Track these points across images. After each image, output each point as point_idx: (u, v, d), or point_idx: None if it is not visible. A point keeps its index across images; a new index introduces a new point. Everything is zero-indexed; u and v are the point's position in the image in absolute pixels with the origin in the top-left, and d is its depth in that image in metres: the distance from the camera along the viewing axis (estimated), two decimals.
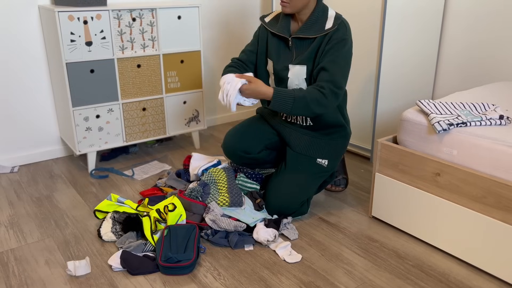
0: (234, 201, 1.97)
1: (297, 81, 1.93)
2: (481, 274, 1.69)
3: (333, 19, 1.87)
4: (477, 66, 2.62)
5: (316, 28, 1.87)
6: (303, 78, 1.92)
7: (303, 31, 1.89)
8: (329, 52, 1.84)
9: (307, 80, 1.92)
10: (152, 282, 1.64)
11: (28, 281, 1.65)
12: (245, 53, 2.09)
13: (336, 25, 1.84)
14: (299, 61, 1.91)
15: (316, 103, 1.81)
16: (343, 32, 1.84)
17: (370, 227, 2.01)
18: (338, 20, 1.86)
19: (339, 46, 1.83)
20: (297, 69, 1.92)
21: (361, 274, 1.69)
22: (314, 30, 1.87)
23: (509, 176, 1.57)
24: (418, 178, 1.82)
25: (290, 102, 1.81)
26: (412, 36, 2.56)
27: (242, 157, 2.15)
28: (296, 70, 1.92)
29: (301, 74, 1.92)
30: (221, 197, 1.99)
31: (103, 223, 1.92)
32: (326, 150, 2.03)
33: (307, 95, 1.81)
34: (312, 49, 1.88)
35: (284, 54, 1.96)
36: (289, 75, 1.94)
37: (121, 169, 2.61)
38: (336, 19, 1.87)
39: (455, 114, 1.78)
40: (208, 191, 2.01)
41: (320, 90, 1.81)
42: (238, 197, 1.98)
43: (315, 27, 1.87)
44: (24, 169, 2.62)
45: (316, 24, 1.87)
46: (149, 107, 2.63)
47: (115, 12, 2.37)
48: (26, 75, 2.55)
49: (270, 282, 1.64)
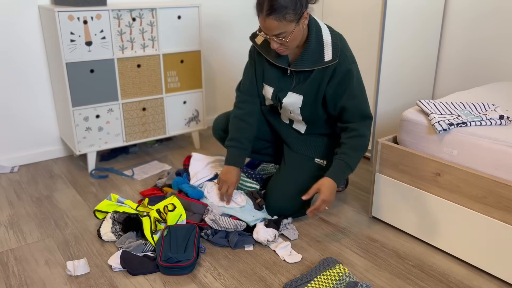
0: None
1: (291, 107, 1.90)
2: (481, 274, 1.69)
3: (330, 48, 1.77)
4: (477, 66, 2.62)
5: (314, 59, 1.78)
6: (298, 107, 1.89)
7: (301, 63, 1.79)
8: (340, 89, 1.80)
9: (302, 109, 1.89)
10: (152, 282, 1.64)
11: (28, 281, 1.65)
12: (248, 81, 2.00)
13: (336, 58, 1.76)
14: (297, 90, 1.87)
15: (361, 146, 1.84)
16: (346, 64, 1.78)
17: (370, 227, 2.01)
18: (337, 49, 1.77)
19: (348, 79, 1.78)
20: (295, 97, 1.88)
21: (361, 274, 1.69)
22: (311, 62, 1.78)
23: (509, 176, 1.57)
24: (418, 178, 1.82)
25: (348, 170, 1.83)
26: (412, 36, 2.56)
27: (223, 137, 2.20)
28: (293, 98, 1.88)
29: (296, 103, 1.88)
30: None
31: (103, 223, 1.92)
32: (324, 151, 2.03)
33: (352, 151, 1.82)
34: (313, 80, 1.82)
35: (284, 80, 1.90)
36: (284, 101, 1.90)
37: (121, 169, 2.61)
38: (334, 48, 1.77)
39: (455, 114, 1.78)
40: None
41: (356, 136, 1.82)
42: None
43: (313, 58, 1.78)
44: (24, 169, 2.62)
45: (314, 53, 1.78)
46: (149, 107, 2.63)
47: (115, 12, 2.37)
48: (26, 75, 2.55)
49: (270, 282, 1.64)
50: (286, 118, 2.03)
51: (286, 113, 1.99)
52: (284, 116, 2.03)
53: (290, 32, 1.67)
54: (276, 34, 1.66)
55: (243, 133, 1.99)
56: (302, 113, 1.92)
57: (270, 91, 1.94)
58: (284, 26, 1.64)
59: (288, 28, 1.65)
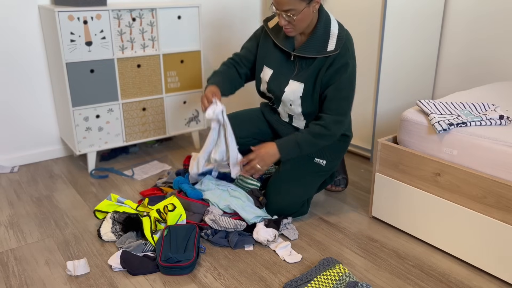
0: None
1: (292, 96, 1.90)
2: (481, 274, 1.69)
3: (335, 38, 1.80)
4: (477, 66, 2.62)
5: (318, 47, 1.81)
6: (299, 95, 1.89)
7: (305, 49, 1.83)
8: (332, 79, 1.81)
9: (302, 98, 1.89)
10: (152, 282, 1.64)
11: (28, 281, 1.65)
12: (244, 50, 2.07)
13: (338, 48, 1.79)
14: (299, 78, 1.88)
15: (320, 137, 1.84)
16: (346, 57, 1.80)
17: (370, 227, 2.01)
18: (341, 41, 1.80)
19: (341, 71, 1.80)
20: (296, 85, 1.89)
21: (361, 274, 1.69)
22: (316, 49, 1.81)
23: (509, 176, 1.57)
24: (418, 178, 1.82)
25: (296, 149, 1.85)
26: (412, 36, 2.56)
27: None
28: (294, 87, 1.89)
29: (297, 91, 1.89)
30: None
31: (103, 223, 1.92)
32: (324, 151, 2.02)
33: (309, 134, 1.83)
34: (314, 69, 1.84)
35: (286, 66, 1.93)
36: (286, 89, 1.91)
37: (121, 169, 2.61)
38: (339, 39, 1.80)
39: (455, 114, 1.78)
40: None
41: (320, 124, 1.83)
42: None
43: (318, 46, 1.81)
44: (24, 169, 2.62)
45: (319, 42, 1.81)
46: (149, 107, 2.63)
47: (115, 12, 2.37)
48: (26, 75, 2.55)
49: (270, 282, 1.64)
50: (286, 114, 2.03)
51: (285, 107, 1.98)
52: (283, 111, 2.03)
53: (300, 11, 1.70)
54: (286, 10, 1.70)
55: (223, 74, 2.01)
56: (302, 104, 1.91)
57: (269, 73, 1.95)
58: (294, 3, 1.68)
59: (298, 6, 1.69)
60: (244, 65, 2.05)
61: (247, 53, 2.05)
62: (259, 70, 2.01)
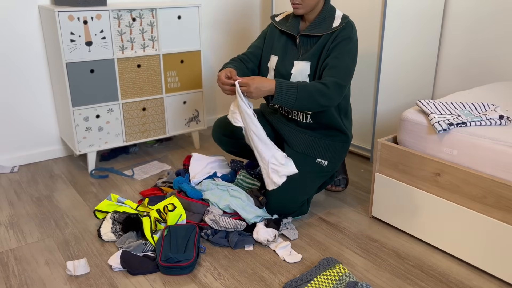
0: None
1: (300, 77, 1.94)
2: (481, 274, 1.69)
3: (340, 18, 1.91)
4: (477, 66, 2.62)
5: (323, 27, 1.91)
6: (306, 74, 1.93)
7: (310, 29, 1.93)
8: (335, 49, 1.87)
9: (310, 77, 1.93)
10: (152, 282, 1.64)
11: (28, 281, 1.65)
12: (251, 48, 2.12)
13: (343, 23, 1.88)
14: (304, 57, 1.93)
15: (319, 93, 1.79)
16: (349, 31, 1.88)
17: (370, 227, 2.01)
18: (345, 19, 1.90)
19: (344, 43, 1.87)
20: (302, 65, 1.94)
21: (361, 274, 1.69)
22: (321, 29, 1.91)
23: (509, 176, 1.57)
24: (418, 178, 1.82)
25: (294, 92, 1.79)
26: (412, 36, 2.56)
27: (227, 141, 2.21)
28: (300, 66, 1.94)
29: (305, 70, 1.93)
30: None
31: (103, 223, 1.92)
32: (326, 151, 2.03)
33: (310, 85, 1.81)
34: (318, 46, 1.91)
35: (291, 51, 1.99)
36: (293, 71, 1.95)
37: (121, 169, 2.61)
38: (343, 18, 1.91)
39: (455, 114, 1.78)
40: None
41: (321, 82, 1.83)
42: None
43: (323, 26, 1.91)
44: (24, 169, 2.62)
45: (324, 23, 1.92)
46: (149, 107, 2.63)
47: (115, 12, 2.37)
48: (26, 75, 2.55)
49: (270, 282, 1.64)
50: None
51: None
52: None
53: None
54: None
55: (233, 65, 2.02)
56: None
57: (275, 60, 2.02)
58: None
59: None
60: (252, 61, 2.10)
61: (255, 50, 2.10)
62: (265, 61, 2.07)
